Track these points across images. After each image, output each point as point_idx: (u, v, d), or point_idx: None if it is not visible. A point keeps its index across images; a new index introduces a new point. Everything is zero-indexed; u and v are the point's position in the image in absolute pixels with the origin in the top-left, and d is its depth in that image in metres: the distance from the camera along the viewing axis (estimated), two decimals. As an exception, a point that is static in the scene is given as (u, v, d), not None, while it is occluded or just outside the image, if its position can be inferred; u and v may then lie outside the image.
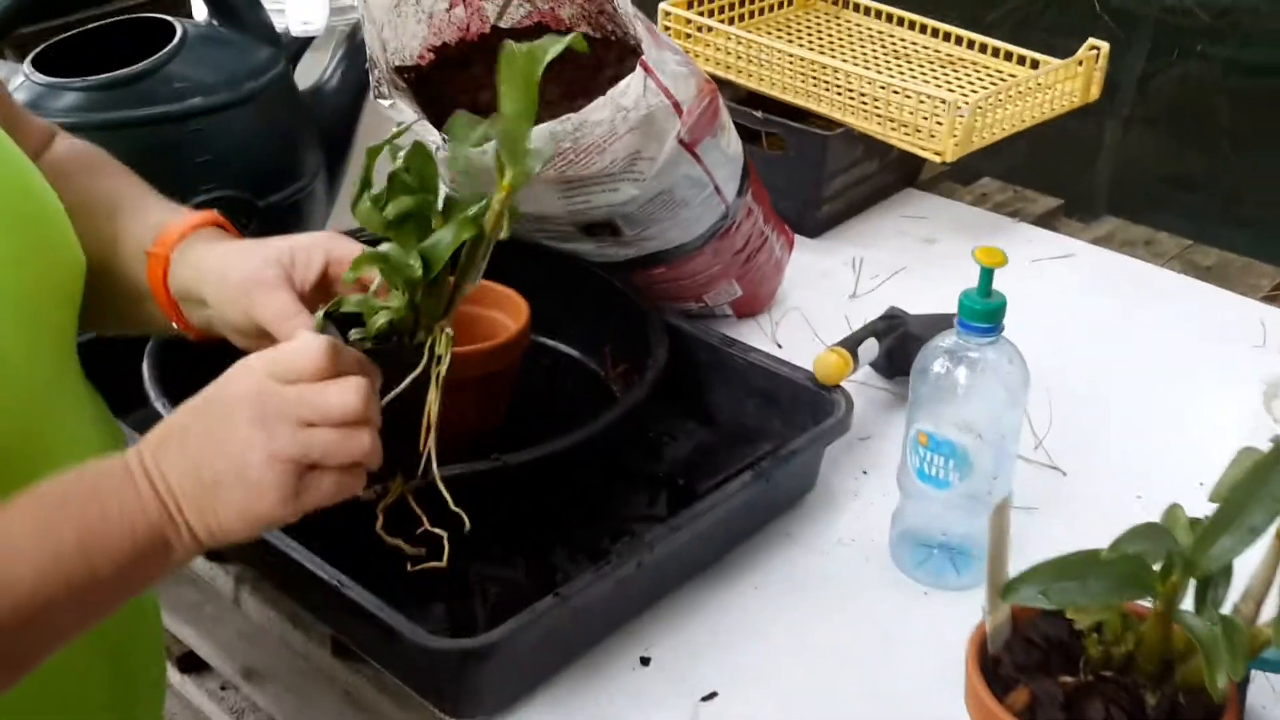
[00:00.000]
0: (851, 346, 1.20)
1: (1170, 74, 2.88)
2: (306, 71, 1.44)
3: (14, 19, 1.22)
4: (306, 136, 1.39)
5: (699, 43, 1.68)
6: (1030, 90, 1.63)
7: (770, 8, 1.84)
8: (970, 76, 1.73)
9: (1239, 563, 0.75)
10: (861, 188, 1.66)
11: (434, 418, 0.82)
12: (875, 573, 1.11)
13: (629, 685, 0.99)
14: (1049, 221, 1.69)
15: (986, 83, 1.70)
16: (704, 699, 0.98)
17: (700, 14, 1.71)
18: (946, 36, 1.79)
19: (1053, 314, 1.43)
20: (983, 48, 1.76)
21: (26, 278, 0.76)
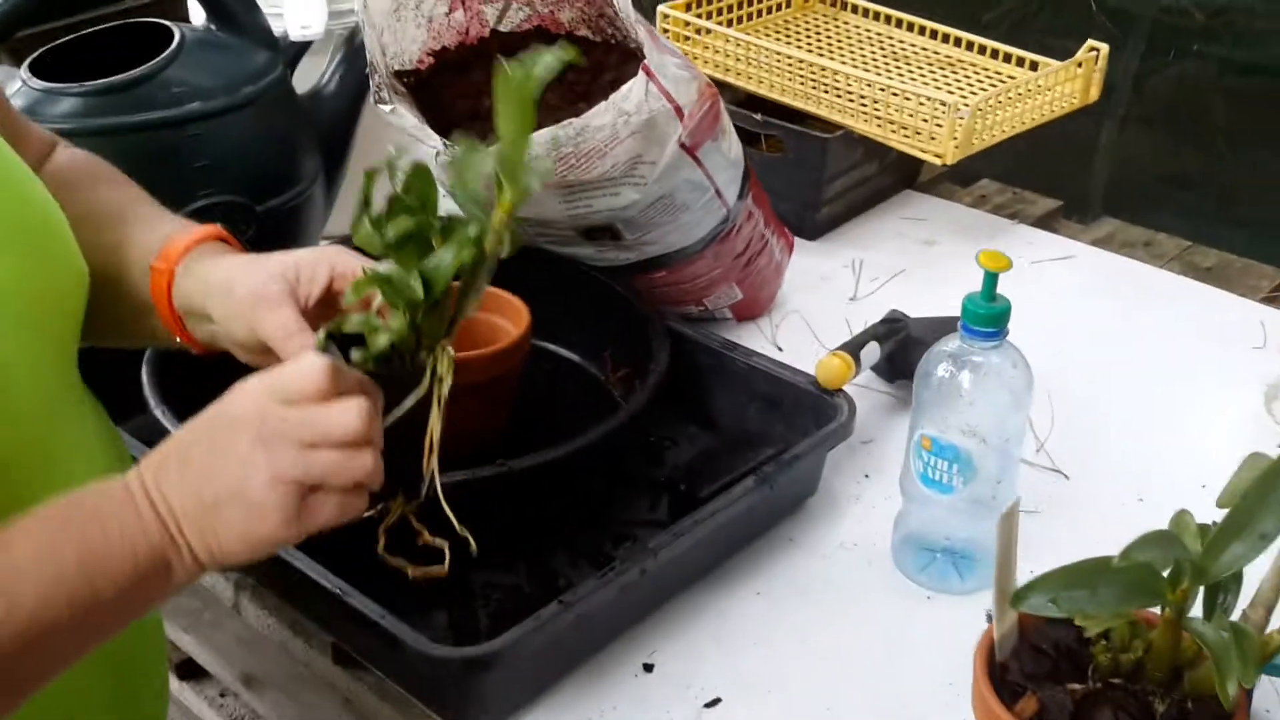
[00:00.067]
0: (853, 350, 1.20)
1: (1166, 74, 2.87)
2: (304, 75, 1.43)
3: (14, 21, 1.22)
4: (305, 141, 1.38)
5: (697, 45, 1.68)
6: (1030, 92, 1.62)
7: (768, 10, 1.84)
8: (969, 78, 1.72)
9: (1247, 568, 0.75)
10: (861, 190, 1.66)
11: (436, 438, 0.82)
12: (878, 577, 1.11)
13: (632, 692, 0.99)
14: (1048, 223, 1.69)
15: (985, 84, 1.70)
16: (707, 705, 0.98)
17: (699, 16, 1.71)
18: (945, 38, 1.79)
19: (1052, 316, 1.43)
20: (981, 49, 1.76)
21: (29, 290, 0.75)
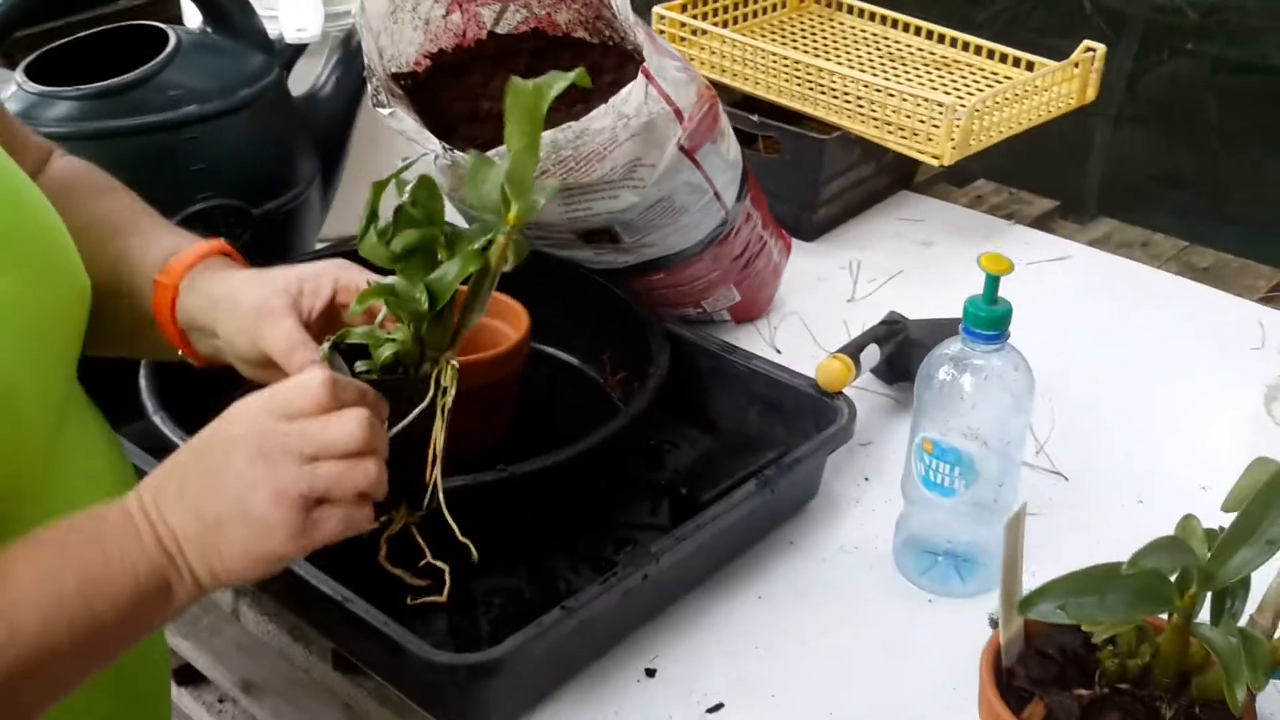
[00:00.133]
0: (853, 353, 1.20)
1: (1160, 72, 2.88)
2: (300, 78, 1.43)
3: (10, 23, 1.21)
4: (301, 143, 1.38)
5: (693, 46, 1.67)
6: (1027, 93, 1.62)
7: (764, 10, 1.83)
8: (964, 78, 1.72)
9: (1253, 573, 0.75)
10: (857, 191, 1.66)
11: (440, 449, 0.81)
12: (879, 580, 1.10)
13: (635, 697, 0.99)
14: (1045, 223, 1.69)
15: (980, 84, 1.70)
16: (710, 710, 0.98)
17: (694, 17, 1.70)
18: (940, 38, 1.78)
19: (1050, 317, 1.42)
20: (977, 49, 1.76)
21: (33, 306, 0.74)
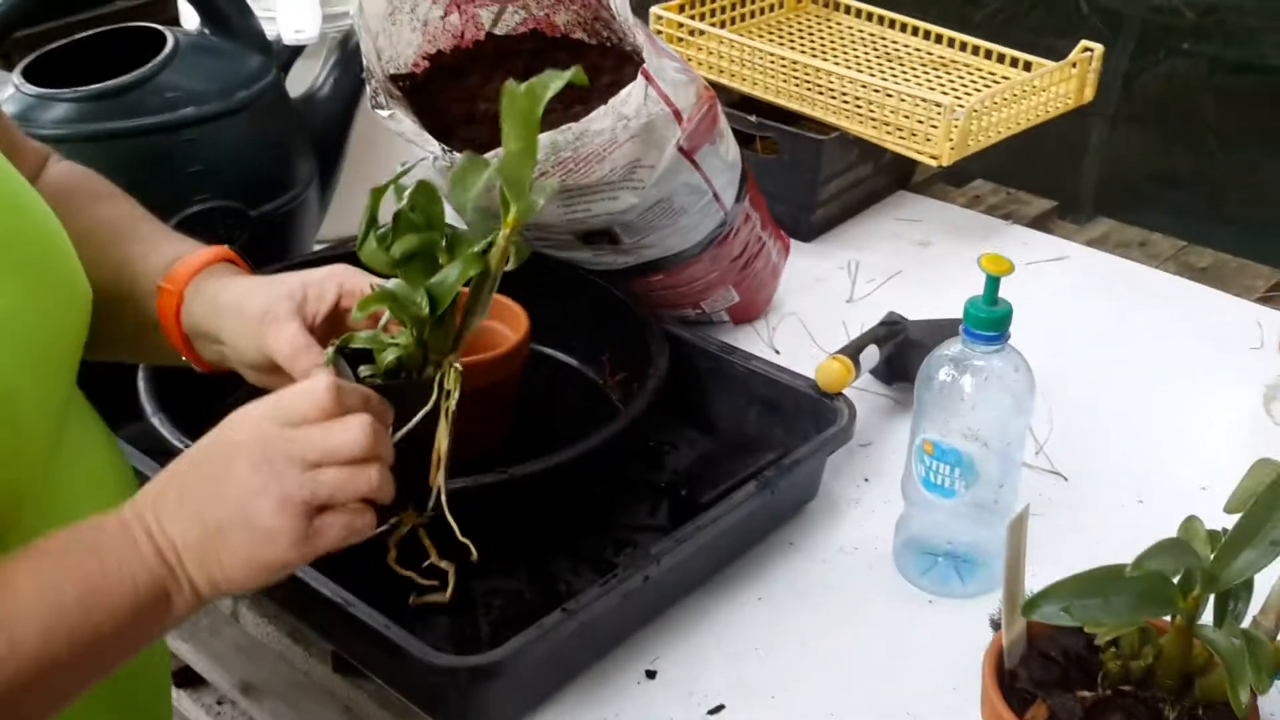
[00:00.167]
0: (853, 354, 1.20)
1: (1156, 72, 2.88)
2: (298, 79, 1.43)
3: (9, 24, 1.21)
4: (299, 145, 1.38)
5: (691, 46, 1.67)
6: (1025, 93, 1.62)
7: (761, 11, 1.83)
8: (962, 78, 1.72)
9: (1256, 575, 0.75)
10: (855, 191, 1.66)
11: (444, 452, 0.82)
12: (879, 581, 1.10)
13: (635, 699, 0.99)
14: (1043, 223, 1.69)
15: (978, 84, 1.70)
16: (710, 712, 0.98)
17: (692, 17, 1.70)
18: (938, 39, 1.78)
19: (1049, 317, 1.42)
20: (974, 49, 1.76)
21: (34, 315, 0.74)
